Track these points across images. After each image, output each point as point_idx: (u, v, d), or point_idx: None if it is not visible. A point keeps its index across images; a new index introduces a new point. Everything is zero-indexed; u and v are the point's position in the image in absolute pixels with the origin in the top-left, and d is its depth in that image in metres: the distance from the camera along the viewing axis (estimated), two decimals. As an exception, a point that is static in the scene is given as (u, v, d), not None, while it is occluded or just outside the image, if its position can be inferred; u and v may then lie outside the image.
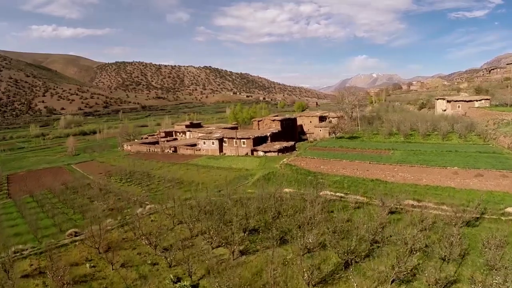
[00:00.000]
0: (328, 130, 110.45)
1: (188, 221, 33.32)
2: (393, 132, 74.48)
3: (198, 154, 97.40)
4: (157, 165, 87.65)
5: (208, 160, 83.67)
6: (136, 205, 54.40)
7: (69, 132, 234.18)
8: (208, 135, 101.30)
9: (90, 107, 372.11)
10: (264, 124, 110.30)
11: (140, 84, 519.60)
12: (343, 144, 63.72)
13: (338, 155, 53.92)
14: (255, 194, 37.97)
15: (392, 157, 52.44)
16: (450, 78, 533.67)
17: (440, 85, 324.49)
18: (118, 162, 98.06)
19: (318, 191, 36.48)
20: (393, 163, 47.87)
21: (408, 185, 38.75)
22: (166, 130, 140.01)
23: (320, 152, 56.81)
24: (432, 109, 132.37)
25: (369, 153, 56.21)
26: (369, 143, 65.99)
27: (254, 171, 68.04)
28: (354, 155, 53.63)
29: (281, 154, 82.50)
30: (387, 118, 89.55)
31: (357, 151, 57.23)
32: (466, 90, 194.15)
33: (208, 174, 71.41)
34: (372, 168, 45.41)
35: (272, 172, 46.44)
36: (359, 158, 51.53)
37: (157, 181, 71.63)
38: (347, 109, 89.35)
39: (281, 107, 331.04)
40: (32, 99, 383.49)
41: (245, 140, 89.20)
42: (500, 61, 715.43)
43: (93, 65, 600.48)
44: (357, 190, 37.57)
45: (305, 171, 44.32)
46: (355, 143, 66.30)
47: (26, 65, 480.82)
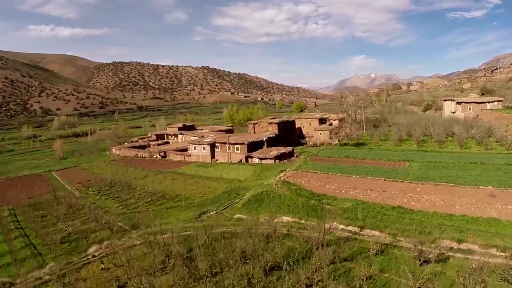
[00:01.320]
0: (329, 133, 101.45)
1: (146, 273, 23.97)
2: (403, 138, 65.40)
3: (188, 160, 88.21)
4: (141, 173, 78.50)
5: (197, 169, 74.49)
6: (105, 229, 45.59)
7: (62, 133, 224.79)
8: (200, 139, 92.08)
9: (86, 107, 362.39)
10: (260, 127, 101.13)
11: (137, 84, 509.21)
12: (350, 153, 54.50)
13: (345, 169, 44.78)
14: (242, 227, 28.95)
15: (410, 171, 43.35)
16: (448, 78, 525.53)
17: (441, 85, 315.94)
18: (101, 170, 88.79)
19: (325, 223, 27.39)
20: (413, 181, 38.70)
21: (439, 215, 29.55)
22: (158, 133, 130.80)
23: (323, 164, 47.70)
24: (438, 110, 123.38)
25: (381, 165, 47.14)
26: (378, 151, 56.88)
27: (247, 182, 59.00)
28: (365, 169, 44.48)
29: (278, 162, 73.44)
30: (395, 121, 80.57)
31: (367, 163, 48.17)
32: (471, 91, 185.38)
33: (195, 186, 62.37)
34: (390, 188, 36.27)
35: (266, 192, 37.40)
36: (371, 173, 42.42)
37: (138, 194, 62.53)
38: (350, 111, 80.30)
39: (279, 107, 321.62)
40: (28, 99, 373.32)
41: (238, 146, 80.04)
42: (498, 61, 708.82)
43: (91, 65, 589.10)
44: (376, 222, 28.30)
45: (306, 192, 35.07)
46: (363, 151, 57.15)
47: (23, 65, 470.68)
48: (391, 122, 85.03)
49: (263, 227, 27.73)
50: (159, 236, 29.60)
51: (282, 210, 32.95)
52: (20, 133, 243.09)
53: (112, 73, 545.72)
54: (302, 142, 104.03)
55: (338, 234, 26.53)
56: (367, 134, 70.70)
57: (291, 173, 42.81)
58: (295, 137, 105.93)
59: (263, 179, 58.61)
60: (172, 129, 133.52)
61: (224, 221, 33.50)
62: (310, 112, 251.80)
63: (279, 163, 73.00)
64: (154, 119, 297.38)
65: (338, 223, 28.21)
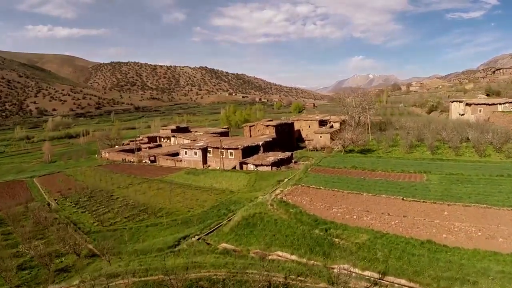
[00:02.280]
0: (330, 136, 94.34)
1: None
2: (413, 144, 58.26)
3: (179, 166, 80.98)
4: (126, 181, 71.21)
5: (186, 177, 67.25)
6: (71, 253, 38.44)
7: (55, 135, 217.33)
8: (191, 143, 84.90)
9: (82, 108, 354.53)
10: (257, 130, 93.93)
11: (135, 84, 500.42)
12: (357, 163, 47.10)
13: (353, 183, 37.56)
14: (226, 270, 21.75)
15: (430, 186, 36.20)
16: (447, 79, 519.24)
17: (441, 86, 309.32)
18: (84, 177, 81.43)
19: (332, 266, 20.33)
20: (437, 200, 31.59)
21: (481, 253, 22.03)
22: (150, 135, 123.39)
23: (327, 177, 40.32)
24: (444, 112, 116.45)
25: (395, 178, 39.92)
26: (388, 160, 49.66)
27: (240, 195, 51.89)
28: (376, 183, 37.22)
29: (276, 169, 66.33)
30: (402, 124, 73.49)
31: (378, 175, 40.83)
32: (474, 91, 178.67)
33: (182, 198, 55.20)
34: (411, 211, 29.17)
35: (259, 215, 30.10)
36: (384, 189, 35.26)
37: (118, 206, 55.28)
38: (353, 113, 73.13)
39: (277, 108, 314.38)
40: (24, 99, 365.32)
41: (232, 151, 72.87)
42: (497, 61, 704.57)
43: (88, 65, 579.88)
44: (402, 266, 20.58)
45: (309, 217, 27.46)
46: (371, 160, 49.89)
47: (19, 65, 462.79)
48: (397, 125, 77.96)
49: (253, 272, 20.56)
50: (111, 282, 22.29)
51: (279, 241, 25.71)
52: (12, 134, 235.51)
53: (110, 73, 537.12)
54: (301, 146, 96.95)
55: (352, 286, 19.25)
56: (373, 138, 63.68)
57: (290, 189, 35.59)
58: (294, 141, 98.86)
59: (258, 191, 51.54)
60: (165, 131, 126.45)
61: (206, 254, 26.34)
62: (309, 112, 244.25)
63: (277, 170, 65.94)
64: (151, 119, 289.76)
65: (350, 265, 21.03)
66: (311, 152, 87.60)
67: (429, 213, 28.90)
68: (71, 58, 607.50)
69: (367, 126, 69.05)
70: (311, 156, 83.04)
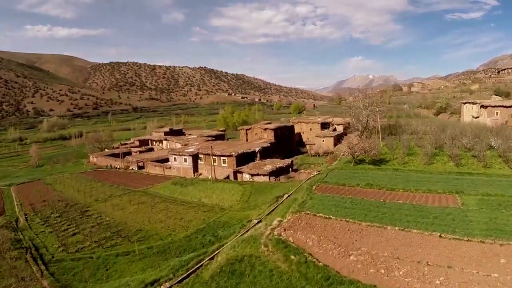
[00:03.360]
0: (333, 140, 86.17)
1: None
2: (432, 152, 49.92)
3: (167, 174, 72.80)
4: (107, 192, 63.02)
5: (173, 188, 59.03)
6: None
7: (48, 136, 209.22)
8: (182, 148, 76.67)
9: (79, 108, 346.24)
10: (254, 134, 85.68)
11: (134, 84, 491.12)
12: (371, 179, 38.09)
13: (372, 209, 28.69)
14: None
15: (469, 214, 27.91)
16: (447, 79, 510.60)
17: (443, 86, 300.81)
18: (63, 186, 73.28)
19: None
20: (484, 237, 23.30)
21: None
22: (141, 138, 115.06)
23: (338, 200, 31.95)
24: (454, 114, 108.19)
25: (422, 201, 31.43)
26: (408, 174, 41.07)
27: (231, 213, 43.80)
28: (400, 208, 28.75)
29: (274, 179, 58.15)
30: (414, 128, 65.29)
31: (401, 197, 32.29)
32: (480, 92, 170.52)
33: (165, 215, 46.99)
34: (455, 257, 20.75)
35: (249, 260, 21.94)
36: (413, 219, 26.60)
37: (91, 225, 47.21)
38: (361, 116, 64.87)
39: (277, 108, 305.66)
40: (21, 100, 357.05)
41: (225, 158, 64.65)
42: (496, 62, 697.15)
43: (87, 65, 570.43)
44: None
45: (318, 271, 19.14)
46: (387, 174, 41.28)
47: (17, 65, 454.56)
48: (408, 128, 69.71)
49: None
50: None
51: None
52: (6, 135, 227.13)
53: (109, 73, 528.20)
54: (302, 151, 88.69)
55: None
56: (384, 144, 55.59)
57: (291, 219, 27.16)
58: (294, 145, 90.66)
59: (252, 209, 43.38)
60: (158, 134, 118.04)
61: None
62: (309, 113, 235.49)
63: (275, 181, 57.78)
64: (148, 120, 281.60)
65: None
66: (313, 158, 79.45)
67: (480, 260, 20.70)
68: (70, 58, 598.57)
69: (376, 131, 60.76)
70: (314, 163, 74.83)
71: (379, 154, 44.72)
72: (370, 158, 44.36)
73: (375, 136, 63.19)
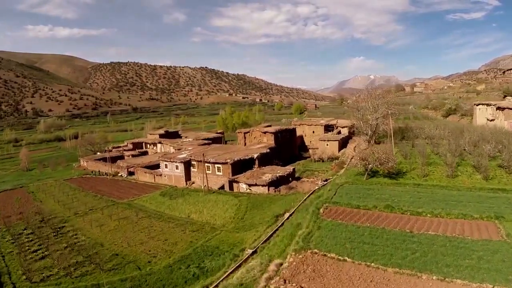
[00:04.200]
0: (338, 144, 79.58)
1: None
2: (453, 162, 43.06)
3: (158, 182, 66.33)
4: (89, 204, 56.59)
5: (161, 200, 52.52)
6: None
7: (44, 137, 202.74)
8: (174, 154, 70.18)
9: (78, 108, 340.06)
10: (253, 137, 79.10)
11: (134, 85, 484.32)
12: (390, 199, 31.94)
13: (397, 244, 21.98)
14: None
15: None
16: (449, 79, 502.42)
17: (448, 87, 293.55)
18: (45, 195, 66.79)
19: None
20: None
21: None
22: (135, 141, 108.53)
23: (352, 230, 25.45)
24: (465, 116, 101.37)
25: (456, 230, 24.95)
26: (432, 191, 33.64)
27: (223, 235, 37.33)
28: (434, 246, 21.84)
29: (274, 190, 51.63)
30: (428, 133, 58.61)
31: (430, 225, 25.48)
32: (487, 92, 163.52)
33: (147, 235, 40.50)
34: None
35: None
36: (453, 260, 20.44)
37: (64, 246, 40.82)
38: (370, 119, 57.98)
39: (278, 109, 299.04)
40: (21, 100, 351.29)
41: (220, 166, 58.07)
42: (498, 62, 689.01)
43: (88, 65, 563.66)
44: None
45: None
46: (408, 191, 33.94)
47: (17, 65, 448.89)
48: (420, 132, 63.02)
49: None
50: None
51: None
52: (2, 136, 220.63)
53: (109, 73, 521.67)
54: (304, 155, 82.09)
55: None
56: (397, 151, 48.96)
57: (293, 264, 20.44)
58: (296, 149, 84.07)
59: (247, 230, 36.90)
60: (153, 136, 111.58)
61: None
62: (310, 114, 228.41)
63: (275, 193, 51.24)
64: (148, 121, 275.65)
65: None
66: (317, 164, 72.87)
67: None
68: (71, 58, 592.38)
69: (388, 135, 53.91)
70: (317, 170, 68.25)
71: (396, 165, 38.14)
72: (382, 169, 37.77)
73: (387, 141, 56.47)
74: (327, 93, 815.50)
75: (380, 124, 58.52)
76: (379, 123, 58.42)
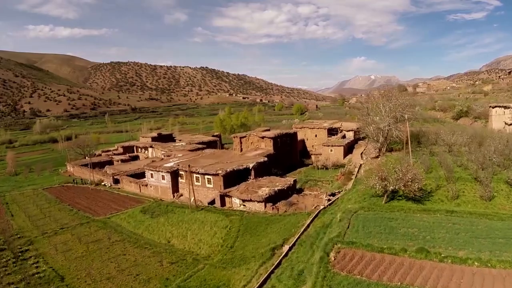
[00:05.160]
0: (343, 150, 72.20)
1: None
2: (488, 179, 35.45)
3: (143, 194, 58.96)
4: (63, 219, 49.28)
5: (141, 218, 45.08)
6: None
7: (38, 139, 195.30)
8: (161, 162, 62.74)
9: (77, 108, 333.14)
10: (250, 143, 71.66)
11: (134, 84, 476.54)
12: (418, 233, 24.24)
13: None
14: None
15: None
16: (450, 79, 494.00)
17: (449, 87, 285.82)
18: (19, 208, 59.27)
19: None
20: None
21: None
22: (126, 145, 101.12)
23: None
24: (478, 119, 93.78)
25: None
26: (469, 221, 25.03)
27: (207, 271, 30.00)
28: None
29: (272, 208, 44.28)
30: (448, 140, 51.08)
31: (478, 276, 18.35)
32: (495, 93, 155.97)
33: (118, 266, 33.12)
34: None
35: None
36: None
37: (19, 278, 33.42)
38: (383, 123, 50.09)
39: (278, 109, 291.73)
40: (19, 100, 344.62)
41: (210, 177, 50.58)
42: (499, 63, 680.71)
43: (88, 65, 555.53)
44: None
45: None
46: (438, 221, 24.91)
47: (16, 65, 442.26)
48: (436, 138, 55.51)
49: None
50: None
51: None
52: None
53: (109, 73, 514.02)
54: (306, 162, 74.60)
55: None
56: (415, 160, 41.54)
57: None
58: (297, 155, 76.54)
59: (237, 265, 29.47)
60: (146, 139, 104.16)
61: None
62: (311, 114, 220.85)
63: (272, 210, 43.83)
64: (147, 121, 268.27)
65: None
66: (320, 172, 65.49)
67: None
68: (71, 58, 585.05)
69: (404, 143, 46.00)
70: (321, 179, 60.78)
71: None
72: (401, 190, 30.38)
73: (402, 149, 48.77)
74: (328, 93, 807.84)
75: (393, 129, 50.92)
76: (392, 128, 50.88)
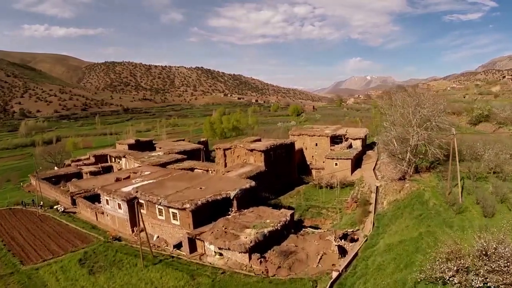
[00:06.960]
0: (351, 163, 58.30)
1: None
2: None
3: (100, 224, 44.73)
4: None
5: (75, 275, 30.83)
6: None
7: (19, 142, 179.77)
8: (119, 184, 48.37)
9: (67, 109, 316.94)
10: (236, 156, 57.47)
11: (128, 85, 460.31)
12: None
13: None
14: None
15: None
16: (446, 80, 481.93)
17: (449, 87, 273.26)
18: None
19: None
20: None
21: None
22: (98, 154, 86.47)
23: None
24: (504, 125, 79.94)
25: None
26: None
27: None
28: None
29: (258, 261, 30.32)
30: (487, 156, 37.41)
31: None
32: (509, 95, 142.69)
33: None
34: None
35: None
36: None
37: None
38: (411, 136, 35.69)
39: (274, 110, 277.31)
40: (9, 100, 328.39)
41: (176, 212, 36.29)
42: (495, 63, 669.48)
43: (82, 65, 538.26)
44: None
45: None
46: None
47: (9, 64, 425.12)
48: (472, 153, 41.93)
49: None
50: None
51: None
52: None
53: (104, 73, 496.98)
54: (305, 180, 60.41)
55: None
56: (469, 194, 27.59)
57: None
58: (295, 171, 62.21)
59: None
60: (122, 147, 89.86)
61: None
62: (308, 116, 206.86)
63: (260, 267, 29.87)
64: (138, 123, 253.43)
65: None
66: (324, 192, 51.45)
67: None
68: (65, 57, 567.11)
69: (450, 169, 31.33)
70: (325, 205, 47.01)
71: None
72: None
73: (441, 174, 34.75)
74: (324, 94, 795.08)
75: (428, 147, 36.15)
76: (425, 143, 36.45)
